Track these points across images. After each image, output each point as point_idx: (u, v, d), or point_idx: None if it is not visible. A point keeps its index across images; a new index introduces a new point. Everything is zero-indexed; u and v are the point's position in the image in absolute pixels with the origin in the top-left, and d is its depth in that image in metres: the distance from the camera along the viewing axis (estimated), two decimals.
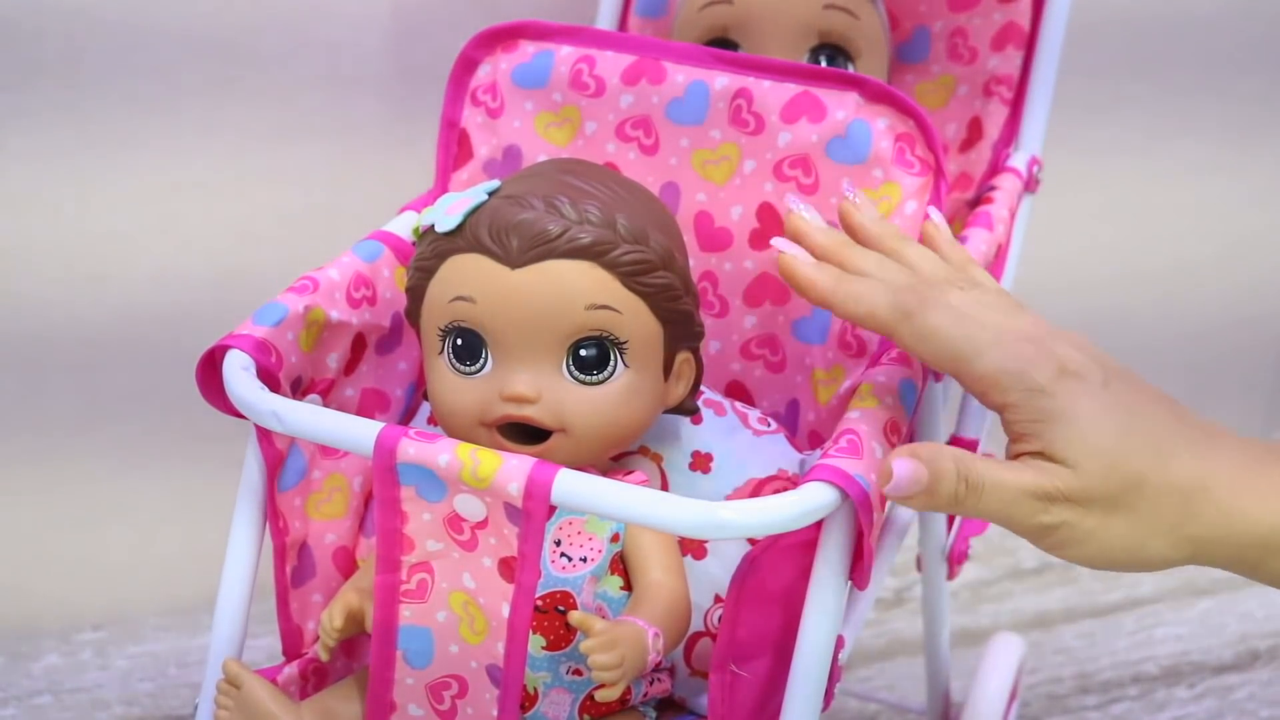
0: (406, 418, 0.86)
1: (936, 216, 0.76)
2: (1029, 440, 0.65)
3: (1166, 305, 1.54)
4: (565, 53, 0.86)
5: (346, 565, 0.83)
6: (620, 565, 0.76)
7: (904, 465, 0.63)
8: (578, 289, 0.71)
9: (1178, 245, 1.51)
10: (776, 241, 0.72)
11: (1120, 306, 1.52)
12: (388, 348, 0.84)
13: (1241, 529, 0.65)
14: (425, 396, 0.86)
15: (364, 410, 0.84)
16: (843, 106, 0.81)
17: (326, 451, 0.80)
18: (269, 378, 0.74)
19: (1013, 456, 0.66)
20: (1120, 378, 0.67)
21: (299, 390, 0.78)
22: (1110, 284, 1.50)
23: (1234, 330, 1.59)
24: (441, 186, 0.88)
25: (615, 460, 0.80)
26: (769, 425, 0.82)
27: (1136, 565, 0.66)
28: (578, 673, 0.74)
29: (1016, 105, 0.99)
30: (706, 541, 0.80)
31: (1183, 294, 1.54)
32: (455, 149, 0.87)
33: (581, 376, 0.72)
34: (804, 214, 0.74)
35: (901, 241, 0.73)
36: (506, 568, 0.69)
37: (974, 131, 0.99)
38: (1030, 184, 0.98)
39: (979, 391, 0.66)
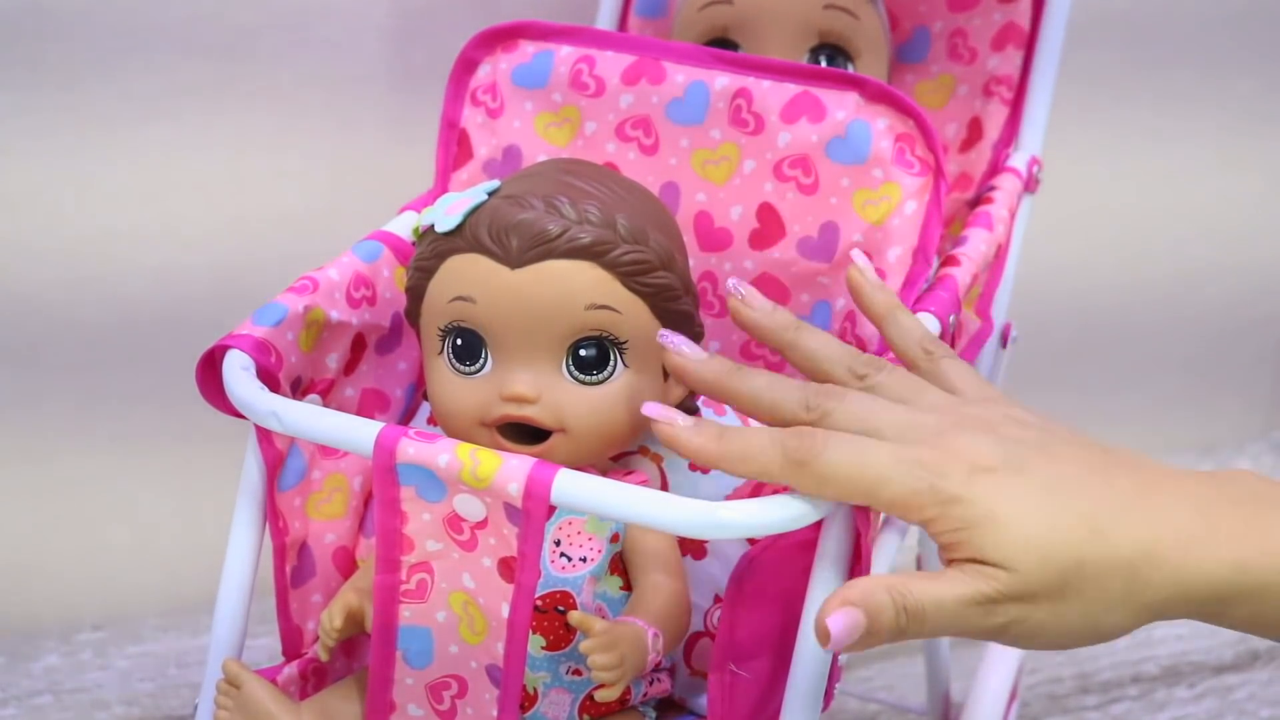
0: (406, 418, 0.86)
1: (860, 260, 0.74)
2: (958, 549, 0.62)
3: (1166, 306, 1.54)
4: (565, 53, 0.86)
5: (346, 565, 0.83)
6: (620, 565, 0.76)
7: (837, 619, 0.61)
8: (577, 289, 0.71)
9: (1178, 246, 1.51)
10: (648, 409, 0.67)
11: (1121, 307, 1.52)
12: (387, 348, 0.84)
13: (1196, 586, 0.63)
14: (425, 396, 0.86)
15: (364, 410, 0.84)
16: (842, 107, 0.81)
17: (326, 451, 0.80)
18: (269, 378, 0.74)
19: (947, 564, 0.63)
20: (1039, 451, 0.64)
21: (299, 390, 0.78)
22: (1110, 285, 1.50)
23: (1234, 331, 1.59)
24: (441, 186, 0.88)
25: (615, 460, 0.80)
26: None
27: (1100, 640, 0.64)
28: (577, 673, 0.74)
29: (1016, 105, 0.99)
30: (706, 542, 0.80)
31: (1183, 295, 1.54)
32: (455, 149, 0.87)
33: (581, 376, 0.72)
34: (681, 347, 0.70)
35: (797, 331, 0.70)
36: (506, 568, 0.69)
37: (974, 131, 0.99)
38: (1030, 184, 0.98)
39: (896, 514, 0.63)
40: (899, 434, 0.64)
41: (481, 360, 0.73)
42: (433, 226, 0.74)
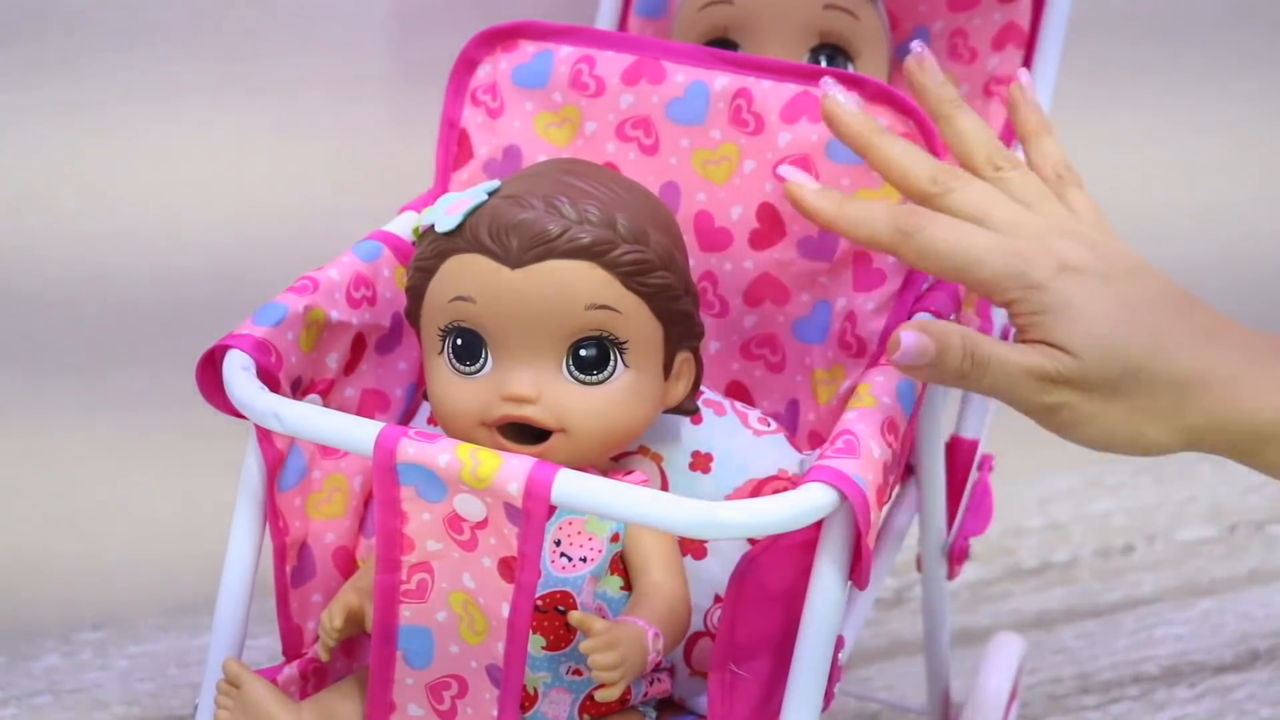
0: (406, 418, 0.86)
1: (1025, 78, 0.78)
2: (1032, 331, 0.68)
3: None
4: (565, 53, 0.86)
5: (346, 565, 0.83)
6: (620, 565, 0.76)
7: (910, 336, 0.67)
8: (577, 289, 0.71)
9: (1178, 244, 1.51)
10: (784, 170, 0.75)
11: None
12: (388, 348, 0.84)
13: (1238, 420, 0.68)
14: (425, 396, 0.86)
15: (364, 410, 0.84)
16: None
17: (326, 451, 0.80)
18: (269, 378, 0.74)
19: (1021, 338, 0.69)
20: (1129, 274, 0.69)
21: (299, 390, 0.78)
22: None
23: None
24: (441, 186, 0.88)
25: (615, 460, 0.80)
26: (769, 425, 0.82)
27: (1137, 450, 0.69)
28: (578, 673, 0.74)
29: None
30: (706, 542, 0.80)
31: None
32: (455, 149, 0.87)
33: (581, 376, 0.72)
34: (839, 97, 0.75)
35: (956, 108, 0.75)
36: (506, 568, 0.69)
37: None
38: None
39: (985, 295, 0.69)
40: (1007, 228, 0.69)
41: (482, 360, 0.73)
42: (433, 226, 0.74)
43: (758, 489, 0.80)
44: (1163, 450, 0.69)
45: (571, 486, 0.65)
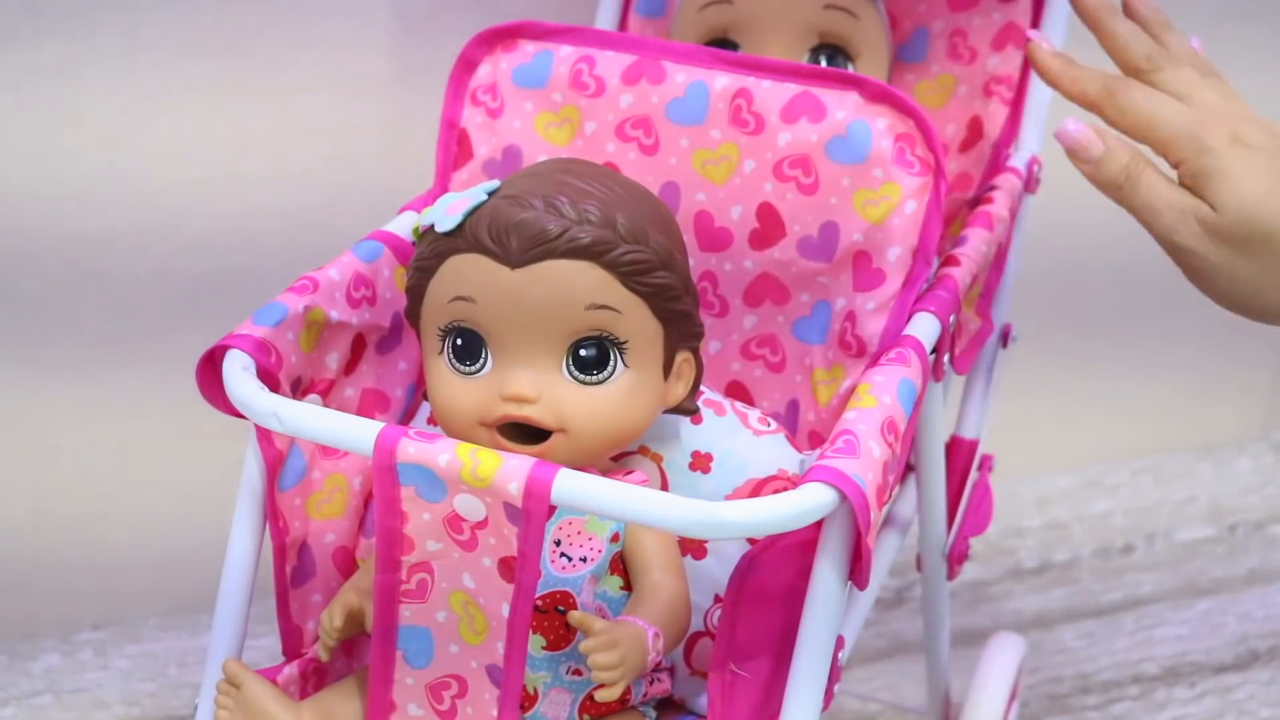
0: (406, 418, 0.86)
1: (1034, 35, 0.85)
2: (1191, 183, 0.76)
3: (1166, 304, 1.54)
4: (565, 53, 0.86)
5: (346, 565, 0.83)
6: (620, 565, 0.76)
7: (1080, 128, 0.77)
8: (577, 289, 0.71)
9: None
10: (1032, 32, 0.85)
11: (1120, 305, 1.52)
12: (387, 348, 0.84)
13: None
14: (425, 396, 0.86)
15: (364, 410, 0.84)
16: (842, 106, 0.81)
17: (326, 451, 0.80)
18: (269, 378, 0.74)
19: (1183, 181, 0.77)
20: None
21: (299, 390, 0.78)
22: (1110, 283, 1.50)
23: (1235, 330, 1.59)
24: (441, 186, 0.88)
25: (615, 460, 0.80)
26: (769, 425, 0.82)
27: (1255, 312, 0.78)
28: (578, 673, 0.74)
29: (1016, 105, 0.99)
30: (706, 541, 0.80)
31: (1184, 294, 1.54)
32: (455, 149, 0.87)
33: (581, 376, 0.72)
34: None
35: (1108, 14, 0.83)
36: (506, 568, 0.69)
37: (974, 131, 0.99)
38: (1030, 184, 0.98)
39: (1161, 152, 0.77)
40: (1201, 105, 0.79)
41: (481, 360, 0.73)
42: (433, 226, 0.74)
43: (758, 489, 0.80)
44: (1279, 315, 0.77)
45: (572, 486, 0.65)
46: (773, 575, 0.69)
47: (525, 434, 0.72)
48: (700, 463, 0.81)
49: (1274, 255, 0.75)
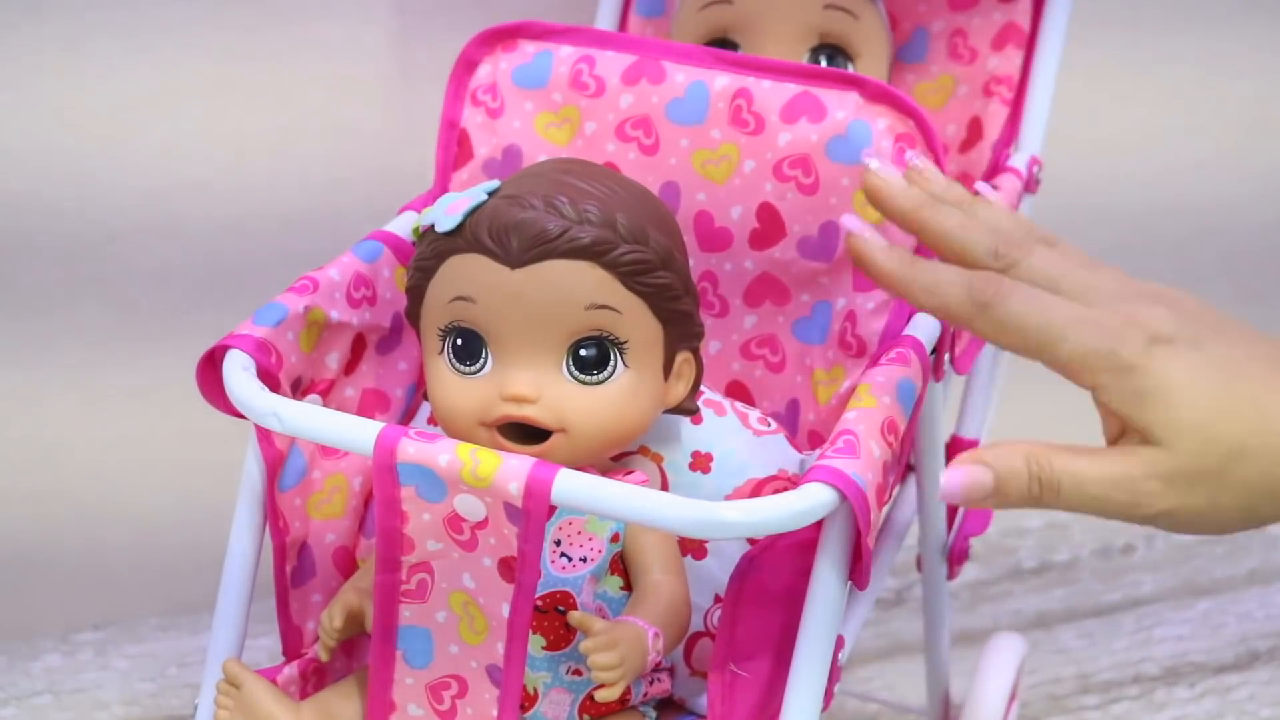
0: (407, 418, 0.86)
1: (985, 189, 0.74)
2: (1123, 420, 0.62)
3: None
4: (565, 53, 0.86)
5: (346, 565, 0.83)
6: (620, 565, 0.76)
7: (957, 474, 0.62)
8: (577, 289, 0.71)
9: (1180, 244, 1.51)
10: (847, 220, 0.67)
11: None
12: (388, 348, 0.84)
13: None
14: (425, 396, 0.86)
15: (364, 410, 0.84)
16: (842, 106, 0.81)
17: (326, 451, 0.80)
18: (269, 378, 0.74)
19: (1110, 438, 0.64)
20: (1216, 332, 0.63)
21: (299, 390, 0.78)
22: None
23: None
24: (441, 186, 0.88)
25: (615, 460, 0.80)
26: (769, 425, 0.82)
27: (1253, 527, 0.64)
28: (578, 673, 0.74)
29: (1016, 105, 0.99)
30: (706, 541, 0.80)
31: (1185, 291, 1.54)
32: (455, 149, 0.87)
33: (581, 376, 0.72)
34: (880, 171, 0.68)
35: (972, 202, 0.68)
36: (506, 568, 0.69)
37: (974, 131, 0.99)
38: (1030, 184, 0.98)
39: (1067, 375, 0.63)
40: (1082, 294, 0.64)
41: (482, 360, 0.73)
42: (433, 226, 0.74)
43: (758, 489, 0.80)
44: None
45: (572, 486, 0.65)
46: (773, 575, 0.69)
47: (525, 434, 0.72)
48: (700, 463, 0.81)
49: (1257, 466, 0.61)
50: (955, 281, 0.64)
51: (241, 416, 0.72)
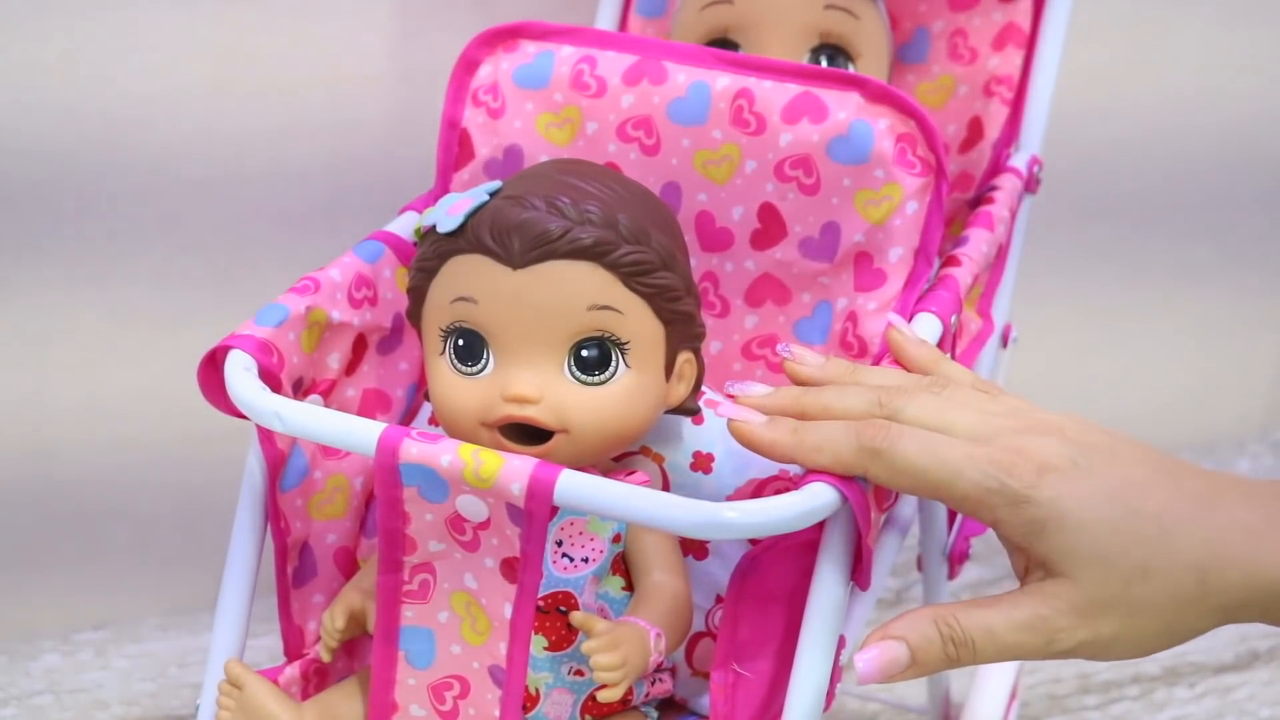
0: (408, 418, 0.86)
1: (897, 320, 0.74)
2: (1025, 553, 0.63)
3: (1167, 302, 1.54)
4: (566, 53, 0.86)
5: (348, 566, 0.83)
6: (622, 566, 0.76)
7: (871, 655, 0.63)
8: (579, 290, 0.71)
9: (1179, 243, 1.51)
10: (724, 410, 0.69)
11: (1119, 301, 1.52)
12: (389, 348, 0.84)
13: (1269, 587, 0.61)
14: (426, 397, 0.86)
15: (365, 411, 0.84)
16: (844, 107, 0.81)
17: (328, 452, 0.80)
18: (270, 378, 0.74)
19: (1019, 573, 0.64)
20: (1109, 455, 0.64)
21: (300, 391, 0.78)
22: (1108, 277, 1.50)
23: (1234, 329, 1.60)
24: (442, 187, 0.88)
25: (617, 461, 0.80)
26: None
27: (1178, 643, 0.63)
28: (580, 673, 0.74)
29: (1017, 105, 0.99)
30: (708, 542, 0.80)
31: (1185, 289, 1.54)
32: (456, 149, 0.87)
33: (583, 377, 0.72)
34: (744, 388, 0.70)
35: (853, 372, 0.71)
36: (509, 568, 0.69)
37: (974, 131, 0.99)
38: (1031, 184, 0.98)
39: (966, 512, 0.64)
40: (971, 432, 0.64)
41: (483, 361, 0.73)
42: (434, 227, 0.74)
43: (759, 489, 0.80)
44: (1202, 634, 0.63)
45: (574, 487, 0.65)
46: (774, 576, 0.69)
47: (527, 434, 0.72)
48: (702, 463, 0.81)
49: (1162, 588, 0.61)
50: (841, 435, 0.65)
51: (243, 417, 0.72)
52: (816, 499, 0.64)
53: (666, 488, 0.81)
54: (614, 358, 0.73)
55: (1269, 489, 0.64)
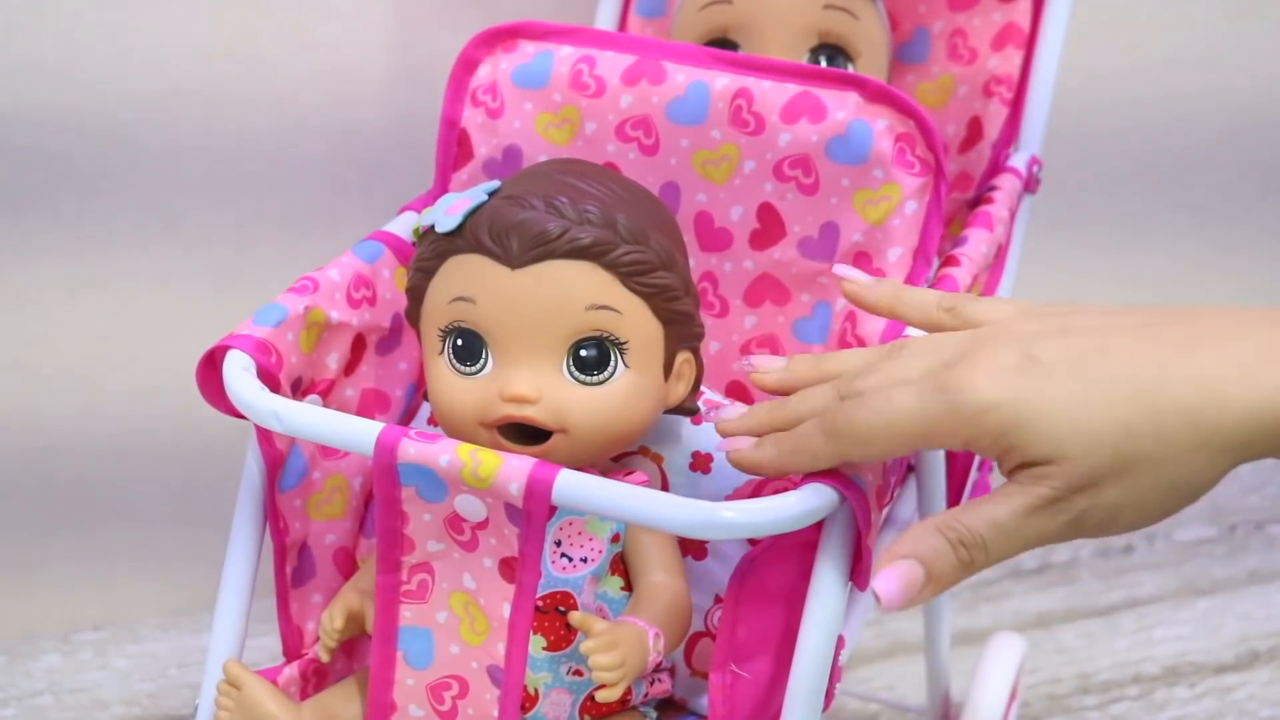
0: (407, 418, 0.86)
1: (845, 271, 0.73)
2: (1007, 458, 0.61)
3: (1166, 300, 1.53)
4: (565, 53, 0.86)
5: (347, 566, 0.83)
6: (621, 566, 0.76)
7: (888, 579, 0.61)
8: (578, 289, 0.71)
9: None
10: (720, 446, 0.69)
11: (1116, 301, 1.51)
12: (388, 348, 0.84)
13: (1273, 416, 0.58)
14: (425, 397, 0.86)
15: (364, 411, 0.84)
16: (843, 107, 0.81)
17: (327, 452, 0.80)
18: (269, 378, 0.74)
19: (1006, 473, 0.62)
20: (1061, 333, 0.62)
21: (299, 391, 0.78)
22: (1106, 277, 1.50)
23: None
24: (441, 187, 0.88)
25: (616, 461, 0.80)
26: None
27: (1187, 500, 0.61)
28: (578, 673, 0.74)
29: (1016, 105, 0.99)
30: (706, 542, 0.80)
31: (1184, 289, 1.54)
32: (455, 149, 0.87)
33: (582, 377, 0.72)
34: (726, 413, 0.70)
35: (816, 366, 0.70)
36: (507, 568, 0.69)
37: (974, 131, 0.99)
38: (1030, 184, 0.98)
39: (946, 445, 0.62)
40: (923, 373, 0.63)
41: (482, 360, 0.73)
42: (433, 227, 0.74)
43: (758, 489, 0.80)
44: (1215, 481, 0.60)
45: (573, 487, 0.65)
46: (773, 576, 0.69)
47: (526, 434, 0.72)
48: (701, 463, 0.81)
49: (1155, 441, 0.58)
50: (810, 432, 0.64)
51: (242, 417, 0.72)
52: (815, 499, 0.64)
53: (665, 488, 0.81)
54: (613, 358, 0.73)
55: (1264, 317, 0.61)
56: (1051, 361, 0.60)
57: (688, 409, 0.79)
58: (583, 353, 0.72)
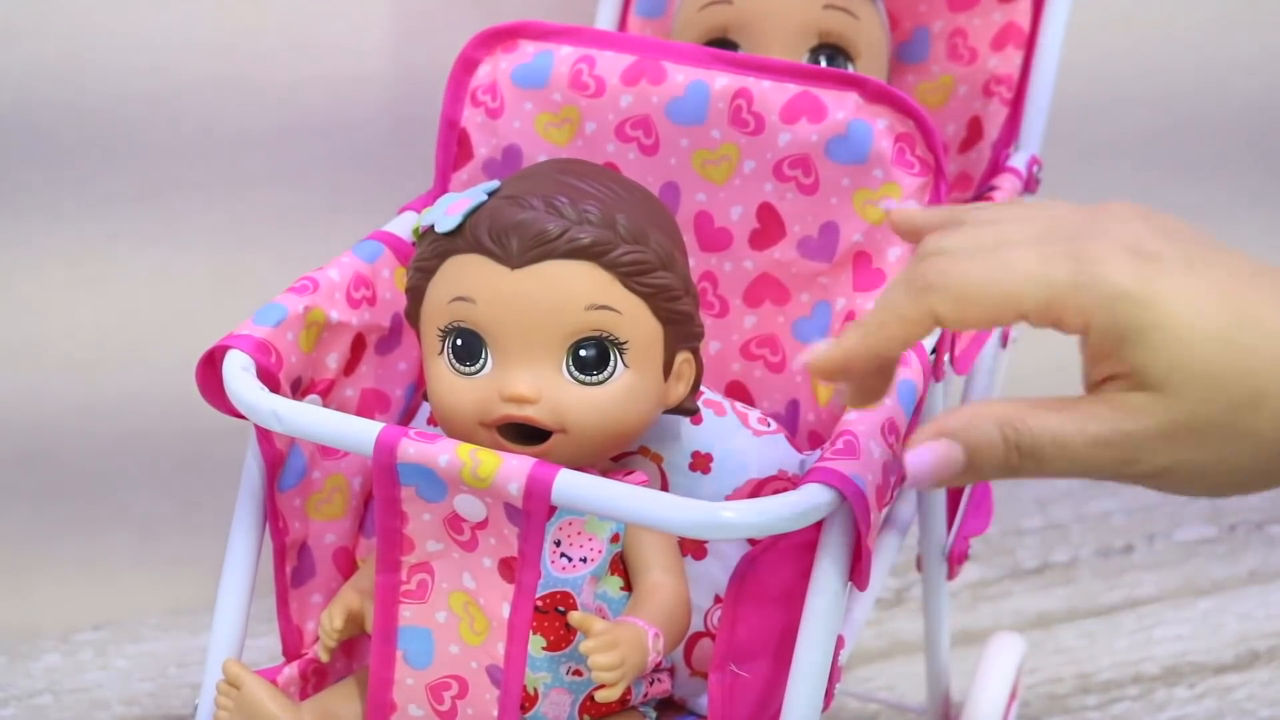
0: (406, 418, 0.86)
1: (891, 205, 0.67)
2: (1101, 364, 0.52)
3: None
4: (565, 53, 0.86)
5: (346, 565, 0.83)
6: (620, 565, 0.76)
7: (922, 455, 0.54)
8: (577, 289, 0.71)
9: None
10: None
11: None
12: (387, 348, 0.84)
13: None
14: (425, 397, 0.86)
15: (364, 410, 0.84)
16: (842, 106, 0.81)
17: (326, 452, 0.80)
18: (269, 378, 0.74)
19: (1095, 382, 0.54)
20: (1207, 251, 0.53)
21: (299, 391, 0.78)
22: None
23: None
24: (441, 186, 0.88)
25: (615, 461, 0.80)
26: (769, 426, 0.82)
27: (1258, 489, 0.53)
28: (578, 673, 0.74)
29: (1016, 105, 0.99)
30: (706, 542, 0.80)
31: None
32: (455, 149, 0.87)
33: (581, 377, 0.72)
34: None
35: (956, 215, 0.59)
36: (507, 568, 0.69)
37: (974, 131, 0.99)
38: (1030, 184, 0.98)
39: (1049, 323, 0.53)
40: (1039, 236, 0.53)
41: (481, 360, 0.73)
42: (433, 227, 0.74)
43: (758, 489, 0.80)
44: None
45: (572, 487, 0.65)
46: (773, 576, 0.69)
47: (525, 434, 0.72)
48: (700, 463, 0.81)
49: (1272, 418, 0.50)
50: (894, 294, 0.56)
51: (241, 417, 0.72)
52: (814, 499, 0.64)
53: (665, 487, 0.81)
54: (612, 357, 0.73)
55: None
56: (1201, 277, 0.52)
57: (687, 409, 0.79)
58: (582, 353, 0.72)
